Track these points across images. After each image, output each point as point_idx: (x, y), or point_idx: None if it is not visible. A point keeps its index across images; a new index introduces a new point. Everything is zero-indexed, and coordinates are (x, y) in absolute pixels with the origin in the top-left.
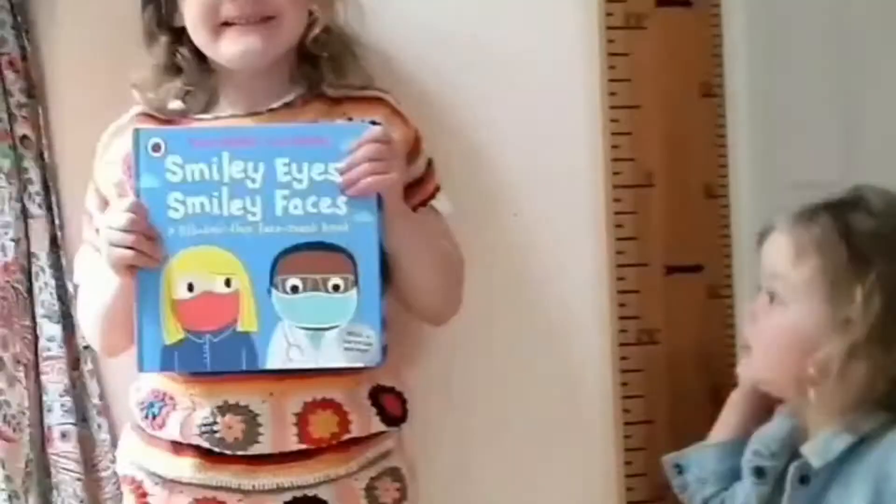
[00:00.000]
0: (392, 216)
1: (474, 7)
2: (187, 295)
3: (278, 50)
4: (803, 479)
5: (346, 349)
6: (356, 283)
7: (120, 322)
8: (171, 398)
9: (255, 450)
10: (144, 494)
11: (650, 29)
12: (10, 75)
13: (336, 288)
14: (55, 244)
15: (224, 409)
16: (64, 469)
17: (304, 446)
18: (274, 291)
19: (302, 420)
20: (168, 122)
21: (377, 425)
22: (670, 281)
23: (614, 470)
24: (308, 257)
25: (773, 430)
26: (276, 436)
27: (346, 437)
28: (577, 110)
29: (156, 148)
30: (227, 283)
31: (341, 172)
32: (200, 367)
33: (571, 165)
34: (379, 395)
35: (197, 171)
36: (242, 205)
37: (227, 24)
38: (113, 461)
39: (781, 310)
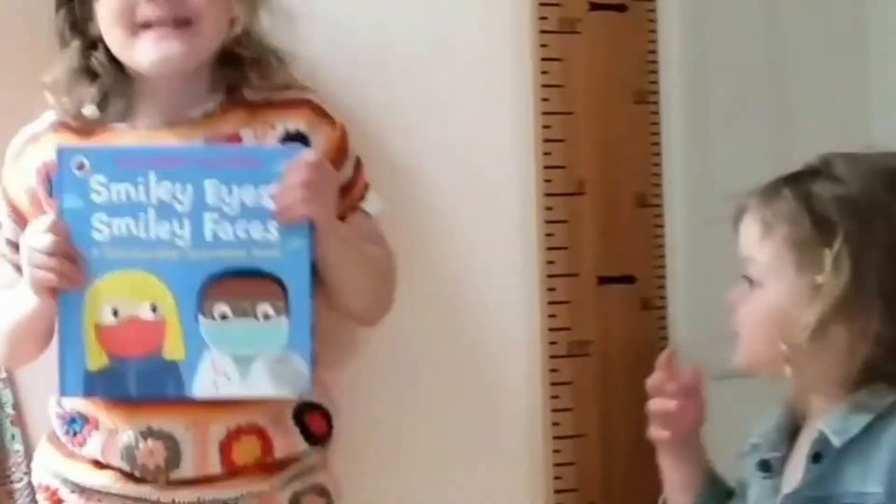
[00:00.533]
0: (324, 237)
1: (405, 9)
2: (112, 320)
3: (200, 56)
4: (816, 457)
5: (276, 378)
6: (287, 310)
7: (35, 339)
8: (94, 418)
9: (176, 475)
10: (59, 501)
11: (584, 34)
12: None
13: (266, 315)
14: None
15: (146, 434)
16: None
17: (226, 470)
18: (202, 318)
19: (225, 447)
20: (84, 130)
21: (301, 445)
22: (602, 291)
23: (544, 485)
24: (237, 283)
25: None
26: (198, 462)
27: (270, 459)
28: (509, 116)
29: (80, 166)
30: (154, 308)
31: (274, 198)
32: (125, 394)
33: (502, 172)
34: (304, 414)
35: (123, 192)
36: (170, 228)
37: (144, 27)
38: (27, 472)
39: (759, 292)
